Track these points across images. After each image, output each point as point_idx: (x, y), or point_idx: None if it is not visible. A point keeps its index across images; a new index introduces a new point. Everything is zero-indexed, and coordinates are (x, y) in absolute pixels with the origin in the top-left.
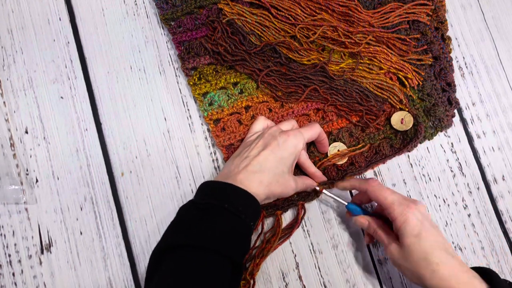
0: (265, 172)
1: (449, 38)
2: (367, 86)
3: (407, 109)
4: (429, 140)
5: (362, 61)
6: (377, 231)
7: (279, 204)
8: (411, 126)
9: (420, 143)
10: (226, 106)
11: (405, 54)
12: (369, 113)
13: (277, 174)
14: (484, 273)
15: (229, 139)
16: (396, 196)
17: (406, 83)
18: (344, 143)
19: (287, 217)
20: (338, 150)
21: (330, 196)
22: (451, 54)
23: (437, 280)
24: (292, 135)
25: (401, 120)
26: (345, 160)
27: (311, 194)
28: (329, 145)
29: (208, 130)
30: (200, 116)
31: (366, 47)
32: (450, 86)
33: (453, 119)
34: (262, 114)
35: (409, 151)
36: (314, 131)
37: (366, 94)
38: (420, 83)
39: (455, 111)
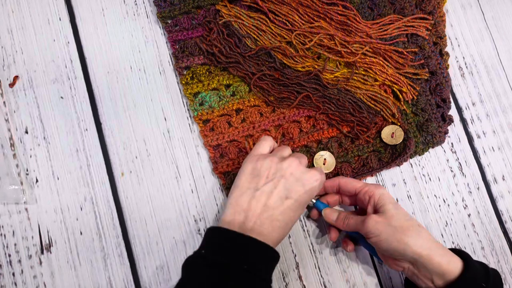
0: (288, 225)
1: (447, 54)
2: (361, 97)
3: (398, 123)
4: (420, 155)
5: (357, 71)
6: (348, 216)
7: None
8: (401, 140)
9: (411, 157)
10: (216, 107)
11: (402, 67)
12: (360, 125)
13: (297, 217)
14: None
15: (217, 140)
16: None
17: (401, 96)
18: (332, 153)
19: None
20: (325, 159)
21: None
22: (450, 53)
23: (424, 236)
24: (318, 180)
25: (391, 134)
26: (331, 169)
27: None
28: (317, 153)
29: None
30: None
31: (362, 57)
32: (445, 102)
33: (446, 135)
34: (253, 118)
35: (398, 166)
36: (326, 181)
37: (359, 105)
38: (415, 97)
39: (453, 116)
